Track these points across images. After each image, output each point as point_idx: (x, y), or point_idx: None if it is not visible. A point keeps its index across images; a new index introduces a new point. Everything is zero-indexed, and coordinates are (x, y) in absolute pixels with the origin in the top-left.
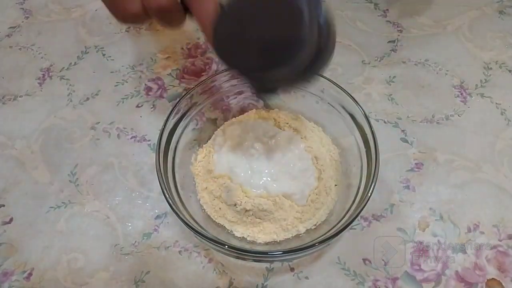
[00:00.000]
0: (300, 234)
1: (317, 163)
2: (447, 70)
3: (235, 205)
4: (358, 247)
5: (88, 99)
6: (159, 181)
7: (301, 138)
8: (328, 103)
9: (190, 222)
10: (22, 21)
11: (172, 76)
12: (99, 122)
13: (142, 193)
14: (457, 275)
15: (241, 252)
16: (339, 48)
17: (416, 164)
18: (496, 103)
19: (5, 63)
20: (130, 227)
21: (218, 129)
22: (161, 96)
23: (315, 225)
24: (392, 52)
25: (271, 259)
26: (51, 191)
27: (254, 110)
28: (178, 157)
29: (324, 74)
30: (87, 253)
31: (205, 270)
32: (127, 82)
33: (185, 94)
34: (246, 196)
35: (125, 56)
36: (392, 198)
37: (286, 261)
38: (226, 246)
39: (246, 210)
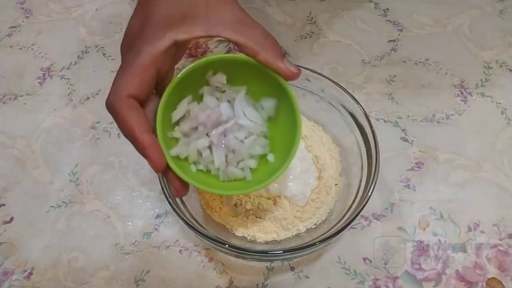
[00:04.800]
0: (301, 233)
1: (317, 162)
2: (447, 69)
3: (235, 204)
4: (358, 246)
5: (88, 98)
6: (159, 180)
7: (302, 137)
8: (328, 102)
9: (191, 222)
10: (23, 21)
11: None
12: (99, 122)
13: (142, 192)
14: (457, 274)
15: (241, 251)
16: (339, 47)
17: (416, 163)
18: (497, 102)
19: (5, 63)
20: (131, 227)
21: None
22: None
23: (315, 224)
24: (393, 51)
25: (271, 258)
26: (51, 191)
27: None
28: None
29: (324, 73)
30: (87, 252)
31: (205, 269)
32: None
33: None
34: (246, 196)
35: None
36: (392, 197)
37: (286, 260)
38: (227, 245)
39: (247, 209)
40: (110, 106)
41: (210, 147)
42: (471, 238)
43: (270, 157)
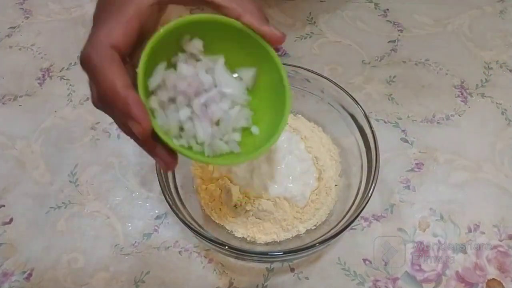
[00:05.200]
0: (300, 234)
1: (317, 163)
2: (447, 70)
3: (235, 205)
4: (358, 247)
5: (88, 99)
6: (159, 181)
7: (301, 138)
8: (328, 103)
9: (190, 223)
10: (22, 21)
11: None
12: (99, 122)
13: (142, 193)
14: (457, 275)
15: (241, 253)
16: (339, 47)
17: (416, 164)
18: (497, 103)
19: (5, 63)
20: (130, 227)
21: None
22: None
23: (315, 225)
24: (392, 51)
25: (271, 259)
26: (51, 191)
27: None
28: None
29: (324, 74)
30: (87, 253)
31: (205, 270)
32: None
33: None
34: (246, 197)
35: None
36: (392, 198)
37: (286, 261)
38: (226, 247)
39: (246, 211)
40: (86, 58)
41: (192, 119)
42: (471, 239)
43: (254, 129)
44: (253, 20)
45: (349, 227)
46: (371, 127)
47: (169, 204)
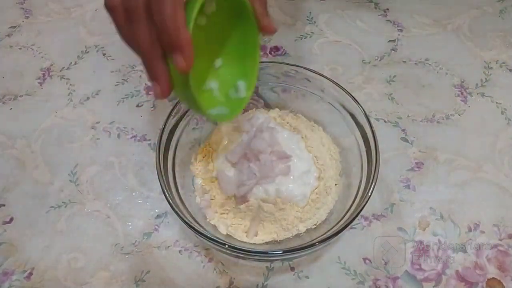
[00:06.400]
0: (301, 233)
1: (317, 162)
2: (447, 70)
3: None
4: (358, 247)
5: (88, 98)
6: (159, 181)
7: (302, 137)
8: (329, 102)
9: (190, 222)
10: (22, 21)
11: None
12: (99, 122)
13: (142, 192)
14: (457, 274)
15: (241, 252)
16: (339, 47)
17: (416, 163)
18: (497, 103)
19: (5, 63)
20: (131, 227)
21: (216, 128)
22: None
23: (315, 224)
24: (393, 51)
25: (271, 258)
26: (51, 191)
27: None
28: (178, 156)
29: (325, 74)
30: (87, 252)
31: (205, 269)
32: (127, 81)
33: None
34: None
35: (125, 55)
36: (392, 197)
37: (286, 260)
38: (227, 246)
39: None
40: None
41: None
42: (471, 238)
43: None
44: (261, 9)
45: (349, 226)
46: (371, 127)
47: (170, 203)
